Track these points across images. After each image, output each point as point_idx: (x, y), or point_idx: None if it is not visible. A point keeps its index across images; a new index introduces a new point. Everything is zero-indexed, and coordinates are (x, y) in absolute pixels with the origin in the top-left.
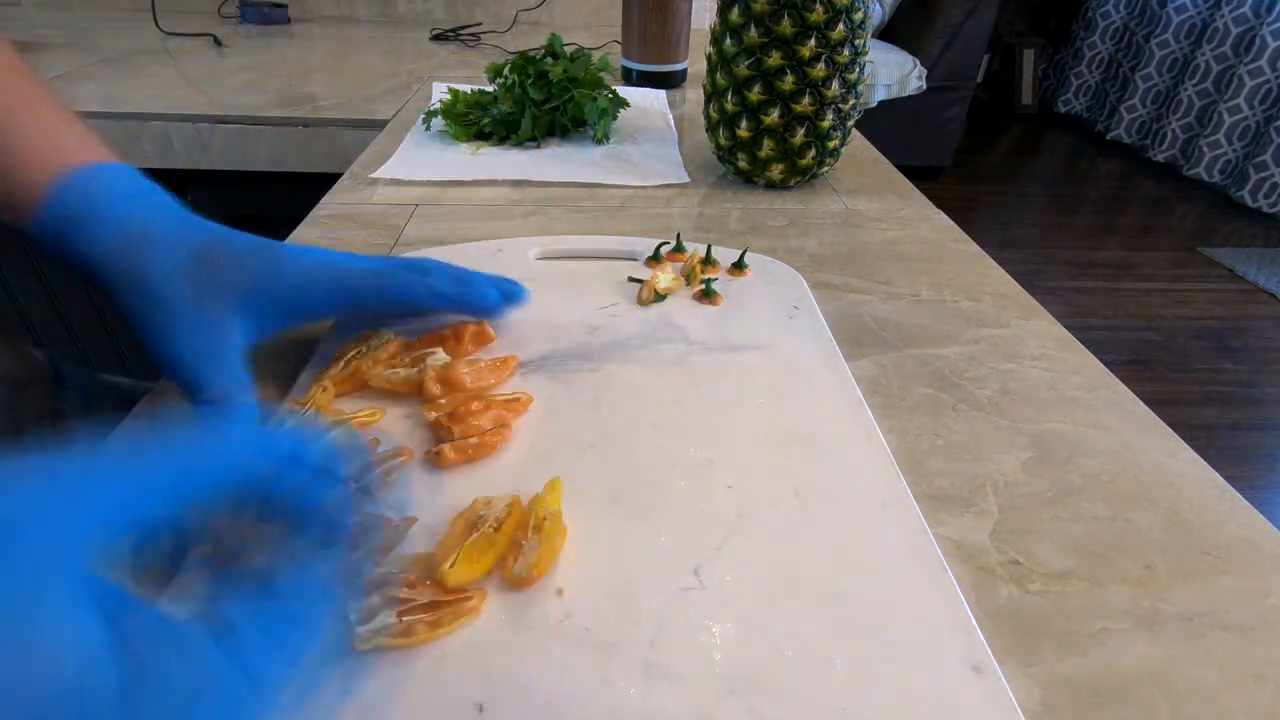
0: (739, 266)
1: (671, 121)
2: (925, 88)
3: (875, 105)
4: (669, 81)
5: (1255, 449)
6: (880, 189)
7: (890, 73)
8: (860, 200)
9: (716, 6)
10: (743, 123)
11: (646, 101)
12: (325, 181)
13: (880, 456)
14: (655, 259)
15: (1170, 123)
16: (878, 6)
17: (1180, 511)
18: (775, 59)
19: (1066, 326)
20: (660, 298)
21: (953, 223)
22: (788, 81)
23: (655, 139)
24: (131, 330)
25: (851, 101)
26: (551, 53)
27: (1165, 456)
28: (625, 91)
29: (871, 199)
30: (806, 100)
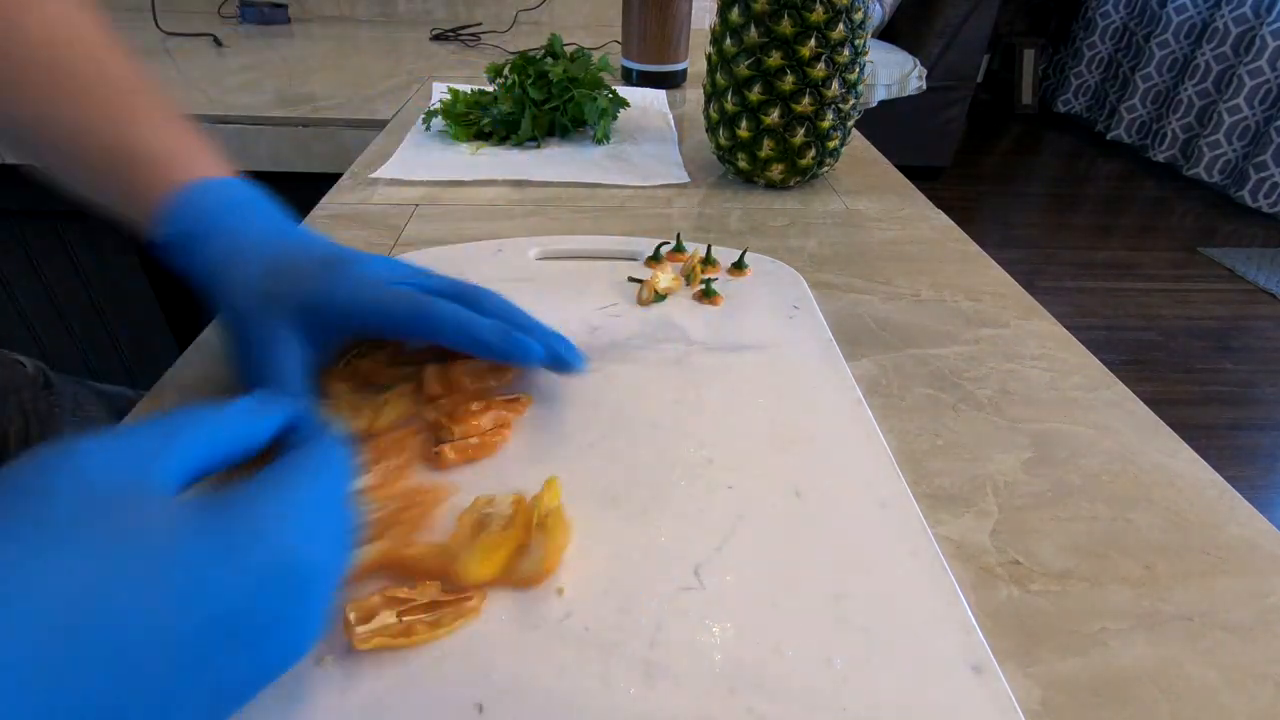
0: (739, 266)
1: (671, 121)
2: (925, 88)
3: (875, 105)
4: (669, 81)
5: (1255, 449)
6: (880, 189)
7: (890, 73)
8: (860, 200)
9: (716, 6)
10: (743, 123)
11: (646, 101)
12: (325, 181)
13: (880, 456)
14: (655, 259)
15: (1170, 123)
16: (878, 6)
17: (1180, 511)
18: (775, 59)
19: (1066, 326)
20: (660, 298)
21: (953, 223)
22: (788, 81)
23: (655, 139)
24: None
25: (851, 101)
26: (551, 53)
27: (1165, 456)
28: (625, 91)
29: (871, 199)
30: (806, 100)
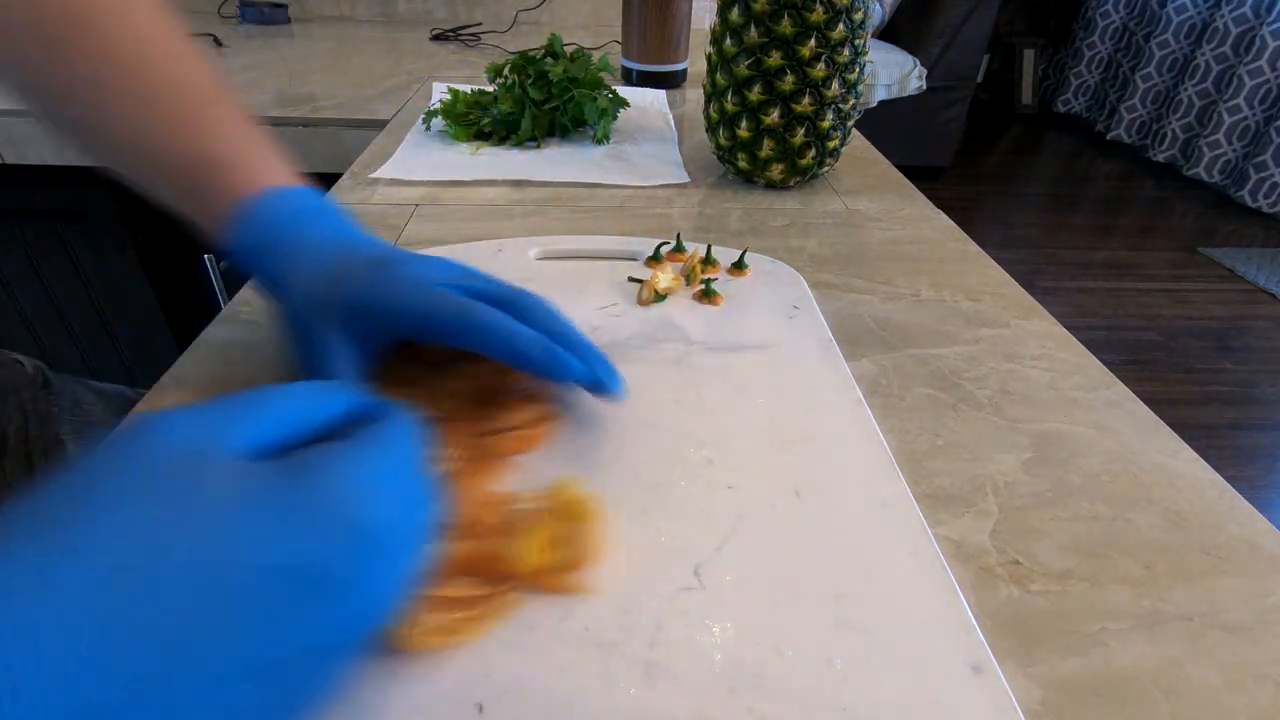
0: (739, 266)
1: (671, 121)
2: (925, 88)
3: (875, 105)
4: (669, 81)
5: (1255, 449)
6: (880, 189)
7: (890, 73)
8: (860, 200)
9: (716, 6)
10: (743, 123)
11: (646, 101)
12: (325, 181)
13: (880, 456)
14: (655, 259)
15: (1170, 123)
16: (878, 6)
17: (1180, 511)
18: (775, 59)
19: (1066, 326)
20: (660, 298)
21: (953, 223)
22: (788, 81)
23: (655, 139)
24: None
25: (851, 101)
26: (551, 53)
27: (1165, 456)
28: (625, 91)
29: (871, 199)
30: (806, 100)
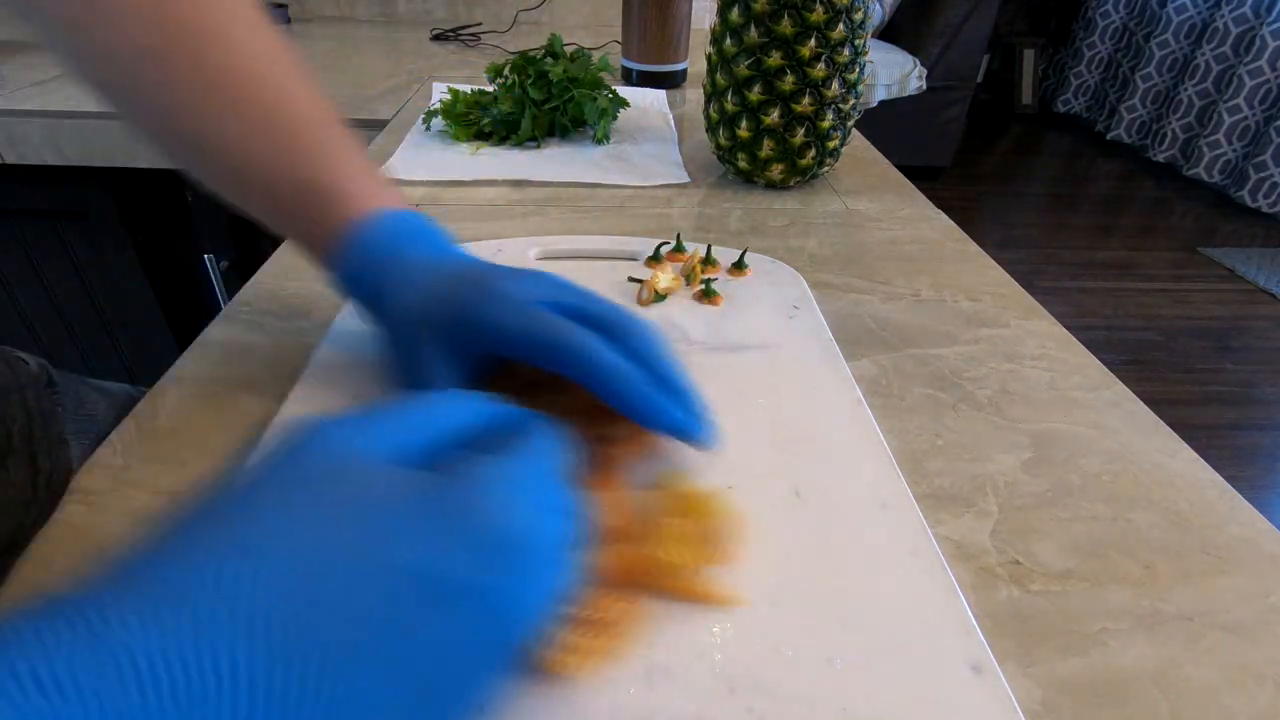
0: (739, 266)
1: (671, 121)
2: (925, 88)
3: (875, 105)
4: (669, 81)
5: (1255, 449)
6: (880, 189)
7: (890, 73)
8: (860, 200)
9: (716, 6)
10: (743, 123)
11: (646, 101)
12: None
13: (880, 456)
14: (655, 259)
15: (1170, 123)
16: (878, 6)
17: (1180, 511)
18: (775, 59)
19: (1066, 326)
20: (660, 298)
21: (953, 223)
22: (788, 81)
23: (655, 139)
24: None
25: (851, 101)
26: (551, 53)
27: (1165, 456)
28: (625, 91)
29: (871, 199)
30: (806, 100)
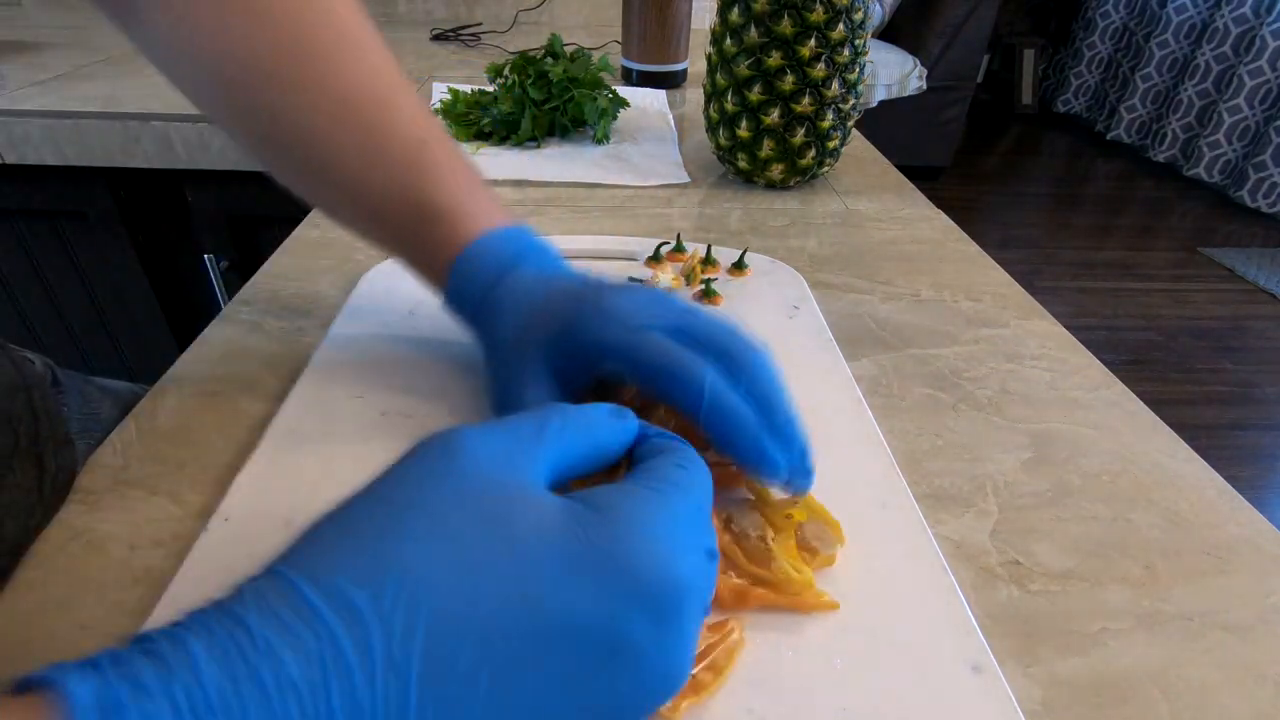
0: (739, 266)
1: (671, 121)
2: (925, 88)
3: (875, 105)
4: (669, 81)
5: (1255, 449)
6: (880, 189)
7: (890, 73)
8: (860, 200)
9: (716, 6)
10: (743, 123)
11: (646, 101)
12: None
13: (880, 456)
14: (655, 259)
15: (1170, 123)
16: (878, 6)
17: (1180, 511)
18: (775, 59)
19: (1067, 326)
20: None
21: (953, 223)
22: (788, 81)
23: (655, 139)
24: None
25: (851, 101)
26: (551, 53)
27: (1165, 456)
28: (625, 91)
29: (871, 199)
30: (806, 100)
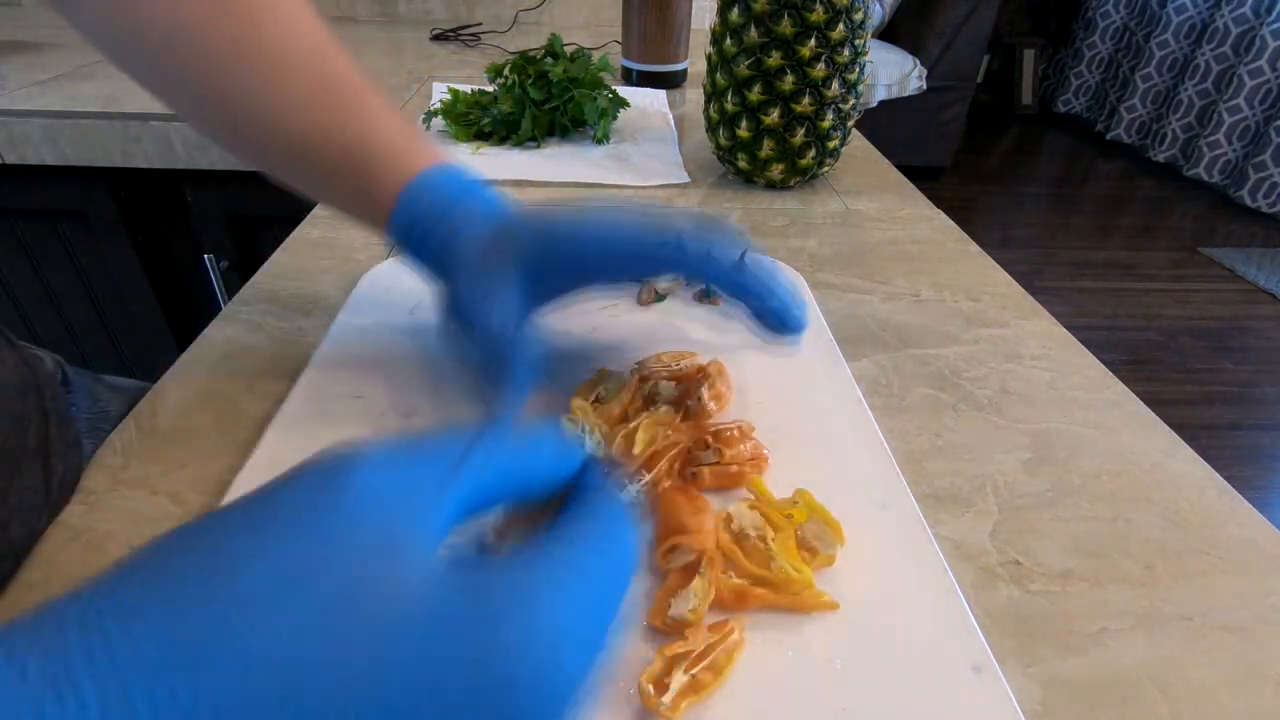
0: None
1: (671, 121)
2: (925, 88)
3: (875, 105)
4: (669, 81)
5: (1255, 449)
6: (880, 189)
7: (890, 73)
8: (860, 200)
9: (716, 6)
10: (743, 123)
11: (646, 101)
12: None
13: (880, 456)
14: None
15: (1170, 123)
16: (878, 6)
17: (1180, 511)
18: (775, 59)
19: (1066, 326)
20: (660, 298)
21: (953, 223)
22: (788, 81)
23: (655, 139)
24: (445, 308)
25: (851, 101)
26: (551, 53)
27: (1165, 456)
28: (625, 91)
29: (871, 199)
30: (806, 100)
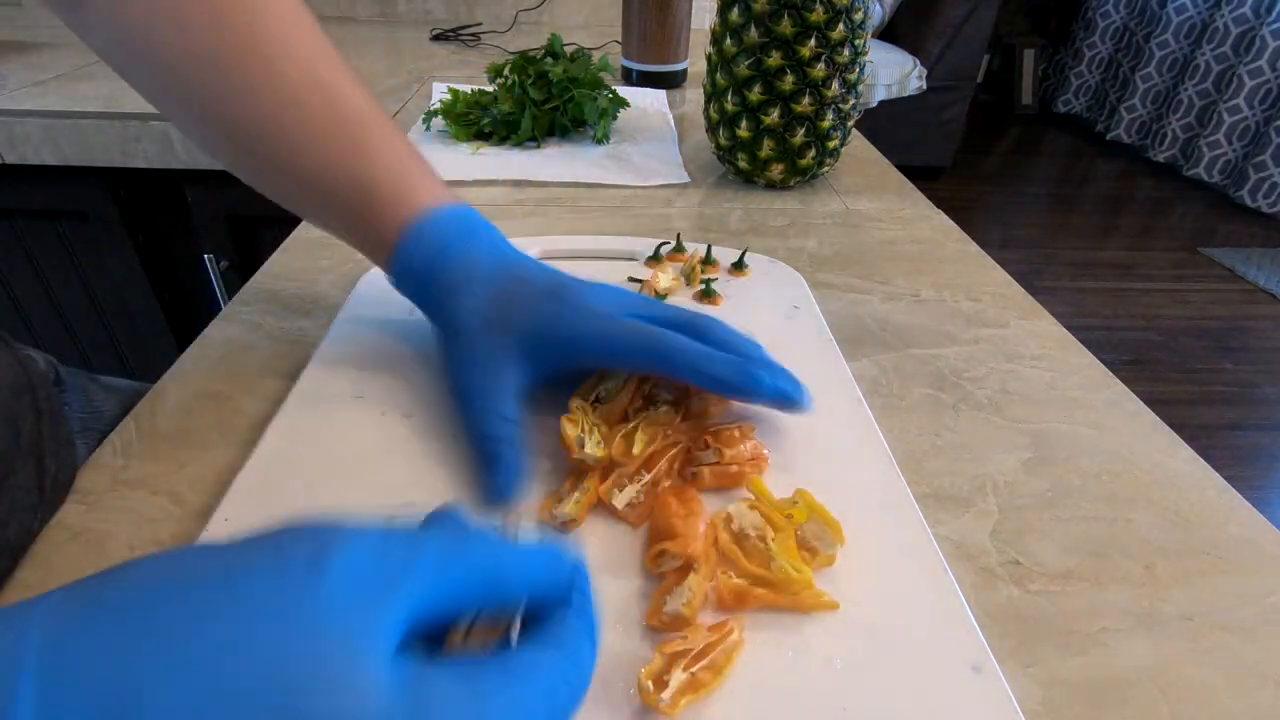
0: (739, 266)
1: (671, 121)
2: (925, 88)
3: (875, 105)
4: (669, 81)
5: (1255, 449)
6: (880, 189)
7: (890, 73)
8: (860, 200)
9: (716, 6)
10: (743, 123)
11: (646, 101)
12: None
13: (880, 457)
14: (655, 259)
15: (1170, 123)
16: (878, 6)
17: (1180, 511)
18: (775, 59)
19: (1066, 326)
20: (660, 298)
21: (953, 223)
22: (788, 81)
23: (655, 139)
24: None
25: (851, 101)
26: (551, 53)
27: (1165, 456)
28: (625, 91)
29: (871, 199)
30: (806, 100)
